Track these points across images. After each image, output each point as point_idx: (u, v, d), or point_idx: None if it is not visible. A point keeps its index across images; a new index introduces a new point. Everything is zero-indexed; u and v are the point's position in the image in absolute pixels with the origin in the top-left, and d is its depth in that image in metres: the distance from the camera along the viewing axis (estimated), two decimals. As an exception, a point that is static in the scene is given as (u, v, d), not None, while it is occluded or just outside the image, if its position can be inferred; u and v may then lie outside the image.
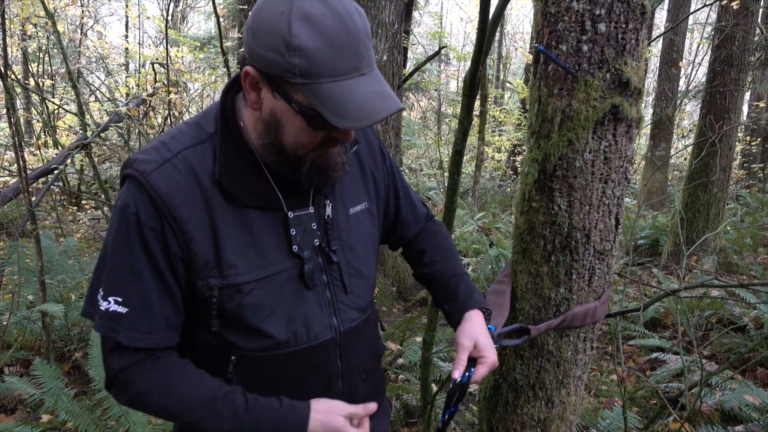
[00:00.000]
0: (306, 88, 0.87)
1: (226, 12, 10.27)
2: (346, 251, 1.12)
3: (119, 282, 0.97)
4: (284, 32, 0.84)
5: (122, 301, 0.96)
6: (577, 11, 1.20)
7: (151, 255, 0.96)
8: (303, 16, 0.84)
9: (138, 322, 0.97)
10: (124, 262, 0.96)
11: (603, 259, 1.33)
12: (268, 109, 0.94)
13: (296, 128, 0.93)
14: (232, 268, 0.99)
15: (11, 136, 3.25)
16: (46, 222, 7.50)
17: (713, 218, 5.88)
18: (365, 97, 0.88)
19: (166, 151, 0.98)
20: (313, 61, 0.85)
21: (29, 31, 8.15)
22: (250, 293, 1.01)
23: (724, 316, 4.19)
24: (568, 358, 1.39)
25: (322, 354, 1.10)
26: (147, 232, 0.95)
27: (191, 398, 1.00)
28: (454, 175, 2.13)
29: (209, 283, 0.99)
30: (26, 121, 9.69)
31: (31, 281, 3.70)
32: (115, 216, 0.97)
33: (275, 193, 1.02)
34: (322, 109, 0.87)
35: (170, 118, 6.00)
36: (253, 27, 0.89)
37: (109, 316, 0.96)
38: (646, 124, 10.22)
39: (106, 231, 1.00)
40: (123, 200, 0.96)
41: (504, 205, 9.51)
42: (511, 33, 19.41)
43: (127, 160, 0.99)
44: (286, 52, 0.85)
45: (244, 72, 0.93)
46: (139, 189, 0.95)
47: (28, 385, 2.68)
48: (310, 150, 0.97)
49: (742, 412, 2.83)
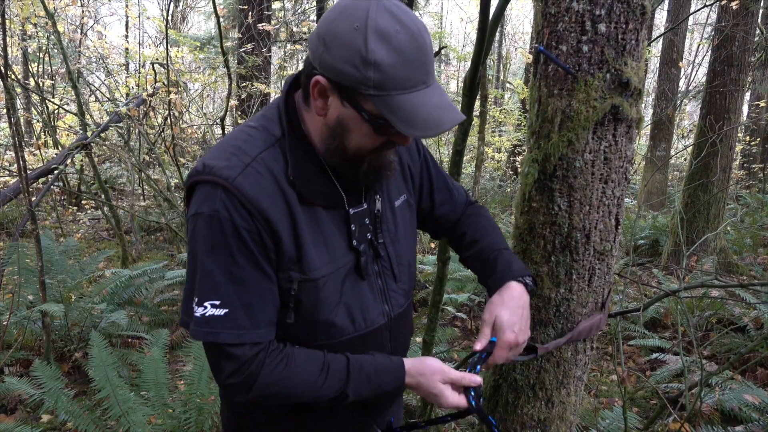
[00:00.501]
0: (378, 99, 0.92)
1: (226, 12, 10.27)
2: (394, 242, 1.20)
3: (214, 286, 0.99)
4: (360, 48, 0.89)
5: (219, 304, 0.99)
6: (577, 11, 1.20)
7: (251, 255, 0.99)
8: (378, 32, 0.89)
9: (239, 321, 1.00)
10: (219, 267, 0.99)
11: (603, 259, 1.33)
12: (335, 115, 0.99)
13: (361, 134, 1.00)
14: (312, 263, 1.05)
15: (11, 136, 3.25)
16: (46, 222, 7.50)
17: (713, 218, 5.88)
18: (431, 109, 0.94)
19: (244, 155, 1.01)
20: (387, 75, 0.90)
21: (29, 31, 8.15)
22: (324, 287, 1.07)
23: (724, 317, 4.19)
24: (568, 359, 1.39)
25: (377, 338, 1.17)
26: (244, 233, 0.98)
27: (309, 374, 1.05)
28: (454, 175, 2.13)
29: (290, 276, 1.04)
30: (26, 121, 9.69)
31: (31, 281, 3.70)
32: (201, 224, 0.99)
33: (338, 191, 1.09)
34: (393, 119, 0.93)
35: (170, 118, 6.00)
36: (327, 39, 0.93)
37: (205, 321, 0.99)
38: (646, 125, 10.21)
39: (190, 240, 1.02)
40: (209, 207, 0.98)
41: (504, 206, 9.51)
42: (511, 33, 19.41)
43: (201, 167, 1.01)
44: (361, 66, 0.90)
45: (314, 81, 0.97)
46: (228, 194, 0.97)
47: (28, 385, 2.68)
48: (369, 152, 1.03)
49: (742, 412, 2.83)
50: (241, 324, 1.00)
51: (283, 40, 10.93)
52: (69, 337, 3.60)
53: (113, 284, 3.87)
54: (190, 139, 10.71)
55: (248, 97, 8.13)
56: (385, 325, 1.18)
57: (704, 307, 4.27)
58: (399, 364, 1.12)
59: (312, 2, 11.76)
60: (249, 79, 7.80)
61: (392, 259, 1.19)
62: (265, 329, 1.04)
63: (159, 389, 2.67)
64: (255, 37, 7.48)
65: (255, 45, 7.40)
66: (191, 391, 2.67)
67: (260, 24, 7.11)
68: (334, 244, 1.09)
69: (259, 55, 7.70)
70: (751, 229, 7.11)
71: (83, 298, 3.85)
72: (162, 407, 2.59)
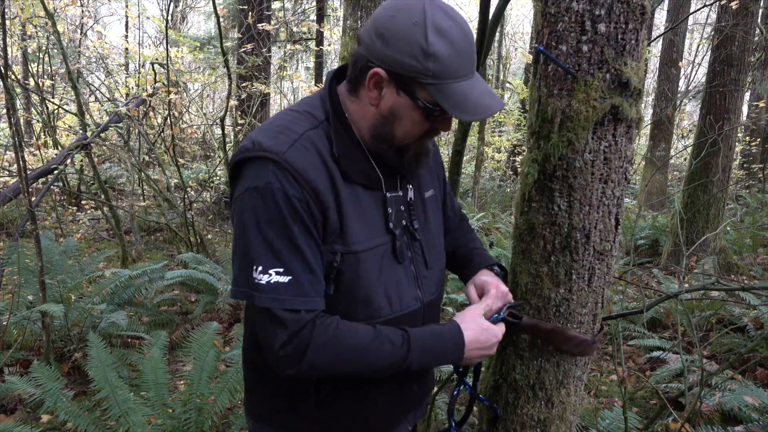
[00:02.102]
0: (434, 87, 1.03)
1: (226, 12, 10.27)
2: (425, 231, 1.27)
3: (276, 255, 1.04)
4: (421, 41, 1.01)
5: (283, 271, 1.04)
6: (577, 11, 1.20)
7: (304, 224, 1.05)
8: (435, 27, 1.01)
9: (302, 287, 1.04)
10: (278, 236, 1.04)
11: (603, 259, 1.33)
12: (389, 105, 1.09)
13: (411, 121, 1.09)
14: (354, 236, 1.11)
15: (11, 136, 3.25)
16: (45, 222, 7.50)
17: (713, 218, 5.88)
18: (479, 95, 1.06)
19: (291, 132, 1.09)
20: (444, 66, 1.02)
21: (29, 31, 8.15)
22: (364, 262, 1.12)
23: (724, 317, 4.19)
24: (568, 359, 1.39)
25: (411, 322, 1.20)
26: (296, 204, 1.03)
27: (359, 339, 1.08)
28: (454, 175, 2.13)
29: (333, 248, 1.09)
30: (26, 121, 9.69)
31: (31, 281, 3.70)
32: (256, 197, 1.04)
33: (377, 173, 1.16)
34: (446, 105, 1.04)
35: (170, 118, 6.00)
36: (386, 34, 1.03)
37: (271, 288, 1.03)
38: (646, 125, 10.22)
39: (241, 214, 1.06)
40: (263, 180, 1.04)
41: (504, 206, 9.51)
42: (511, 33, 19.41)
43: (250, 144, 1.07)
44: (422, 57, 1.01)
45: (371, 73, 1.06)
46: (279, 167, 1.04)
47: (28, 385, 2.68)
48: (414, 140, 1.13)
49: (741, 412, 2.83)
50: (305, 290, 1.05)
51: (283, 40, 10.93)
52: (69, 338, 3.60)
53: (113, 284, 3.86)
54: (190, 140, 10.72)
55: (248, 97, 8.14)
56: (418, 310, 1.23)
57: (704, 307, 4.27)
58: (453, 323, 1.18)
59: (312, 2, 11.76)
60: (249, 79, 7.80)
61: (424, 246, 1.25)
62: (320, 297, 1.08)
63: (159, 389, 2.67)
64: (255, 37, 7.48)
65: (255, 45, 7.40)
66: (191, 391, 2.67)
67: (260, 24, 7.11)
68: (372, 223, 1.15)
69: (259, 55, 7.70)
70: (750, 229, 7.11)
71: (83, 298, 3.85)
72: (162, 407, 2.59)
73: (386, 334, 1.10)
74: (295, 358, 1.05)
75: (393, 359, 1.10)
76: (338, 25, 12.36)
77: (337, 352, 1.07)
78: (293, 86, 14.92)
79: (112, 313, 3.63)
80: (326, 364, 1.07)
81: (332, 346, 1.06)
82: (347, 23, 3.60)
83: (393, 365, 1.10)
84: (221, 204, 8.94)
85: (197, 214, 7.84)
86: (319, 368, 1.07)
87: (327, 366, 1.08)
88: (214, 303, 4.32)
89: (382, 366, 1.10)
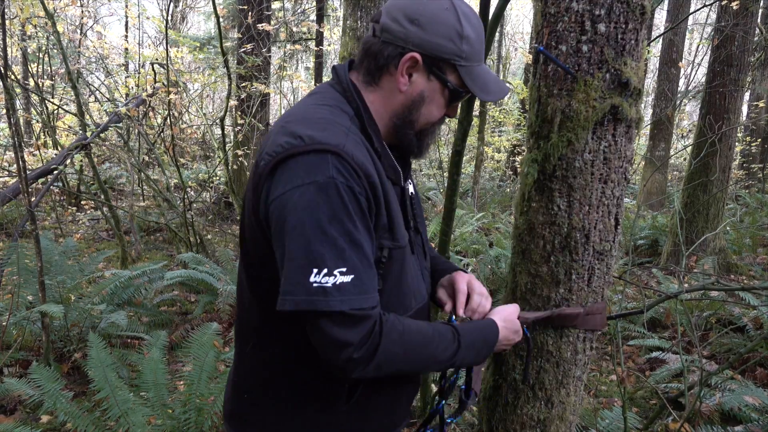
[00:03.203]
0: (464, 69, 1.10)
1: (225, 12, 10.27)
2: (420, 224, 1.28)
3: (340, 253, 0.97)
4: (455, 24, 1.07)
5: (346, 271, 0.98)
6: (576, 11, 1.20)
7: (365, 219, 1.02)
8: (463, 12, 1.09)
9: (364, 284, 1.00)
10: (340, 233, 0.97)
11: (602, 259, 1.33)
12: (419, 89, 1.12)
13: (437, 105, 1.14)
14: (399, 231, 1.12)
15: (11, 136, 3.25)
16: (45, 222, 7.50)
17: (712, 218, 5.88)
18: (494, 78, 1.14)
19: (339, 126, 1.06)
20: (473, 48, 1.10)
21: (29, 31, 8.15)
22: (406, 256, 1.15)
23: (723, 316, 4.19)
24: (568, 359, 1.39)
25: (425, 314, 1.24)
26: (360, 197, 1.00)
27: (423, 335, 1.09)
28: (454, 175, 2.13)
29: (382, 244, 1.08)
30: (26, 121, 9.68)
31: (31, 282, 3.69)
32: (315, 192, 0.96)
33: (398, 168, 1.17)
34: (473, 86, 1.10)
35: (170, 118, 6.00)
36: (421, 20, 1.07)
37: (337, 290, 0.97)
38: (645, 125, 10.22)
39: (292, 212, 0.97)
40: (323, 175, 0.97)
41: (503, 206, 9.51)
42: (511, 33, 19.41)
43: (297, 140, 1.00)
44: (458, 40, 1.08)
45: (407, 57, 1.08)
46: (340, 160, 0.99)
47: (28, 385, 2.68)
48: (430, 125, 1.17)
49: (741, 412, 2.83)
50: (367, 288, 1.00)
51: (283, 40, 10.93)
52: (68, 338, 3.60)
53: (113, 285, 3.86)
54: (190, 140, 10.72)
55: (248, 98, 8.13)
56: (427, 302, 1.27)
57: (704, 307, 4.27)
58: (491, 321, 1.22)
59: (312, 2, 11.75)
60: (249, 79, 7.79)
61: (424, 240, 1.29)
62: (377, 293, 1.04)
63: (158, 390, 2.66)
64: (255, 37, 7.47)
65: (255, 45, 7.39)
66: (191, 392, 2.67)
67: (260, 24, 7.11)
68: (401, 218, 1.16)
69: (258, 56, 7.70)
70: (750, 229, 7.12)
71: (83, 298, 3.85)
72: (161, 408, 2.59)
73: (440, 330, 1.12)
74: (366, 359, 1.00)
75: (447, 354, 1.11)
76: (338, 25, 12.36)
77: (405, 350, 1.05)
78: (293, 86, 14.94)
79: (112, 314, 3.63)
80: (393, 362, 1.05)
81: (399, 344, 1.04)
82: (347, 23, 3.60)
83: (447, 360, 1.12)
84: (221, 204, 8.94)
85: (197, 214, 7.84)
86: (385, 367, 1.04)
87: (393, 364, 1.05)
88: (214, 303, 4.32)
89: (438, 361, 1.11)
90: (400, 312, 1.14)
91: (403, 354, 1.05)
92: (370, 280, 1.01)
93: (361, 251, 1.00)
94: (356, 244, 0.99)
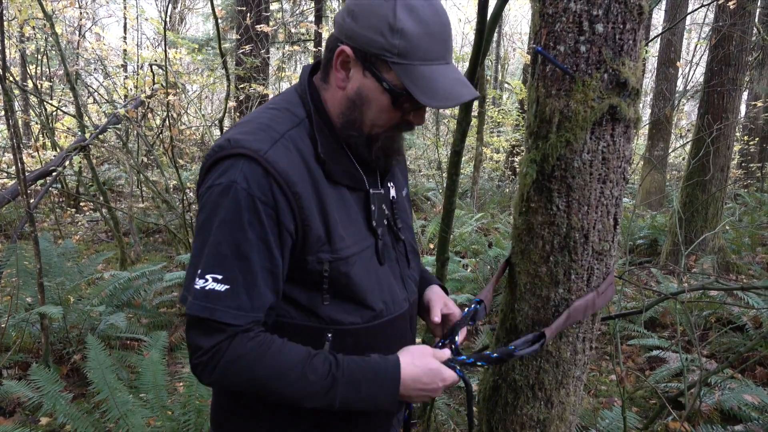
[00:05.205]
0: (401, 68, 0.97)
1: (224, 14, 10.27)
2: (405, 230, 1.24)
3: (220, 259, 0.96)
4: (389, 16, 0.95)
5: (222, 279, 0.96)
6: (574, 12, 1.20)
7: (262, 230, 0.97)
8: (406, 4, 0.96)
9: (240, 299, 0.96)
10: (228, 239, 0.96)
11: (601, 259, 1.33)
12: (356, 86, 1.03)
13: (379, 107, 1.03)
14: (341, 242, 1.05)
15: (9, 138, 3.25)
16: (44, 224, 7.49)
17: (711, 218, 5.88)
18: (450, 82, 0.99)
19: (272, 131, 1.02)
20: (411, 44, 0.96)
21: (27, 33, 8.14)
22: (354, 266, 1.07)
23: (723, 316, 4.19)
24: (567, 359, 1.39)
25: (402, 323, 1.18)
26: (259, 206, 0.96)
27: (282, 362, 0.99)
28: (453, 175, 2.13)
29: (320, 258, 1.03)
30: (24, 123, 9.67)
31: (30, 283, 3.69)
32: (216, 194, 0.97)
33: (359, 172, 1.11)
34: (413, 88, 0.97)
35: (168, 119, 6.00)
36: (356, 10, 0.99)
37: (204, 294, 0.95)
38: (644, 124, 10.23)
39: (200, 212, 0.99)
40: (228, 178, 0.96)
41: (503, 206, 9.51)
42: (510, 34, 19.43)
43: (225, 142, 1.00)
44: (389, 33, 0.95)
45: (338, 51, 1.01)
46: (251, 166, 0.96)
47: (27, 387, 2.68)
48: (383, 130, 1.06)
49: (741, 411, 2.84)
50: (242, 304, 0.97)
51: (282, 41, 10.93)
52: (67, 340, 3.60)
53: (112, 286, 3.86)
54: (189, 141, 10.70)
55: (246, 99, 8.13)
56: (407, 310, 1.20)
57: (703, 307, 4.27)
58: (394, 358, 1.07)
59: (310, 3, 11.76)
60: (247, 80, 7.80)
61: (407, 246, 1.24)
62: (262, 312, 1.00)
63: (158, 391, 2.66)
64: (253, 39, 7.47)
65: (253, 46, 7.39)
66: (190, 393, 2.67)
67: (258, 25, 7.10)
68: (358, 224, 1.10)
69: (257, 57, 7.70)
70: (749, 228, 7.12)
71: (82, 300, 3.85)
72: (161, 409, 2.59)
73: (313, 364, 1.00)
74: (210, 370, 0.98)
75: (314, 389, 0.99)
76: (336, 25, 12.32)
77: (250, 371, 0.98)
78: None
79: (111, 315, 3.62)
80: (238, 380, 1.00)
81: (245, 363, 0.98)
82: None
83: (318, 395, 1.00)
84: (220, 205, 8.91)
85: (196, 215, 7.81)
86: (229, 383, 1.00)
87: (238, 382, 1.00)
88: (213, 304, 4.31)
89: (301, 396, 1.00)
90: (361, 322, 1.09)
91: (248, 375, 0.99)
92: (252, 298, 0.97)
93: (246, 264, 0.96)
94: (241, 256, 0.96)
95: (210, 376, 1.00)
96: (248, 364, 0.98)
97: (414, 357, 1.07)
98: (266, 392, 1.01)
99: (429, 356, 1.08)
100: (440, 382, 1.07)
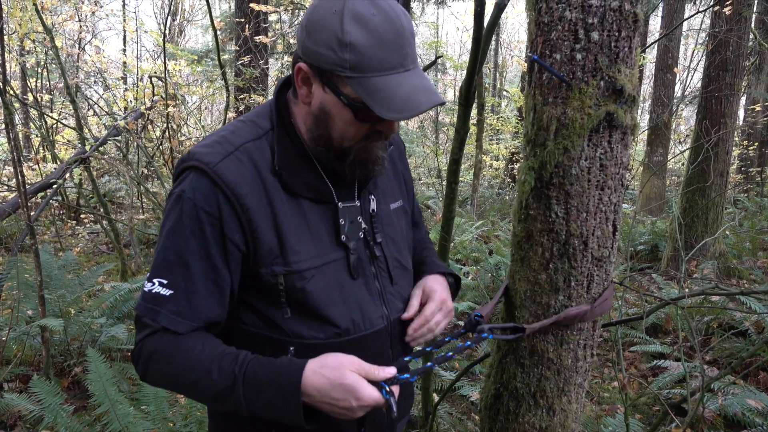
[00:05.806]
0: (355, 81, 0.94)
1: (223, 25, 10.33)
2: (390, 244, 1.19)
3: (166, 265, 1.00)
4: (337, 30, 0.93)
5: (167, 284, 1.00)
6: (569, 20, 1.21)
7: (204, 241, 0.99)
8: (354, 15, 0.93)
9: (181, 305, 1.00)
10: (173, 246, 1.00)
11: (601, 265, 1.33)
12: (318, 102, 1.02)
13: (344, 121, 1.01)
14: (295, 255, 1.03)
15: (10, 151, 3.26)
16: (45, 236, 7.49)
17: (712, 223, 5.88)
18: (409, 91, 0.95)
19: (228, 144, 1.03)
20: (363, 56, 0.93)
21: (27, 46, 8.19)
22: (311, 280, 1.05)
23: (724, 321, 4.18)
24: (569, 366, 1.39)
25: (377, 342, 1.14)
26: (203, 216, 0.98)
27: (192, 358, 0.99)
28: (452, 183, 2.13)
29: (274, 271, 1.03)
30: (25, 136, 9.70)
31: (30, 296, 3.69)
32: (169, 204, 1.02)
33: (326, 185, 1.09)
34: (369, 101, 0.94)
35: (168, 131, 6.02)
36: (308, 26, 0.98)
37: (151, 297, 1.00)
38: (642, 130, 10.25)
39: (163, 221, 1.04)
40: (180, 188, 1.01)
41: (503, 213, 9.51)
42: (507, 42, 19.52)
43: (187, 154, 1.04)
44: (338, 48, 0.93)
45: (297, 68, 1.01)
46: (200, 178, 0.99)
47: (28, 400, 2.67)
48: (355, 143, 1.04)
49: (744, 417, 2.82)
50: (182, 311, 1.00)
51: (281, 51, 10.97)
52: (68, 352, 3.59)
53: (113, 298, 3.86)
54: (189, 152, 10.71)
55: (246, 109, 8.15)
56: (384, 328, 1.15)
57: (705, 312, 4.26)
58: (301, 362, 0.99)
59: (308, 14, 11.80)
60: (247, 91, 7.83)
61: (389, 261, 1.18)
62: (199, 322, 1.02)
63: (159, 403, 2.65)
64: (252, 50, 7.51)
65: (252, 57, 7.43)
66: (191, 405, 2.66)
67: (257, 36, 7.14)
68: (321, 238, 1.08)
69: (256, 67, 7.73)
70: (749, 233, 7.11)
71: (83, 312, 3.84)
72: (162, 421, 2.58)
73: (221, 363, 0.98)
74: (135, 362, 1.04)
75: (219, 388, 0.97)
76: (335, 36, 12.39)
77: (165, 366, 1.00)
78: (291, 97, 14.95)
79: (112, 327, 3.62)
80: (156, 376, 1.03)
81: (158, 358, 1.01)
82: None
83: (220, 395, 0.97)
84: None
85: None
86: (152, 379, 1.04)
87: (157, 377, 1.03)
88: (214, 315, 4.30)
89: (207, 395, 0.99)
90: (323, 338, 1.06)
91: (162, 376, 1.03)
92: (191, 305, 1.00)
93: (187, 271, 1.00)
94: (182, 263, 1.00)
95: (137, 370, 1.04)
96: (163, 359, 1.00)
97: (325, 366, 0.97)
98: (181, 391, 1.04)
99: (348, 369, 0.96)
100: (354, 401, 0.95)
